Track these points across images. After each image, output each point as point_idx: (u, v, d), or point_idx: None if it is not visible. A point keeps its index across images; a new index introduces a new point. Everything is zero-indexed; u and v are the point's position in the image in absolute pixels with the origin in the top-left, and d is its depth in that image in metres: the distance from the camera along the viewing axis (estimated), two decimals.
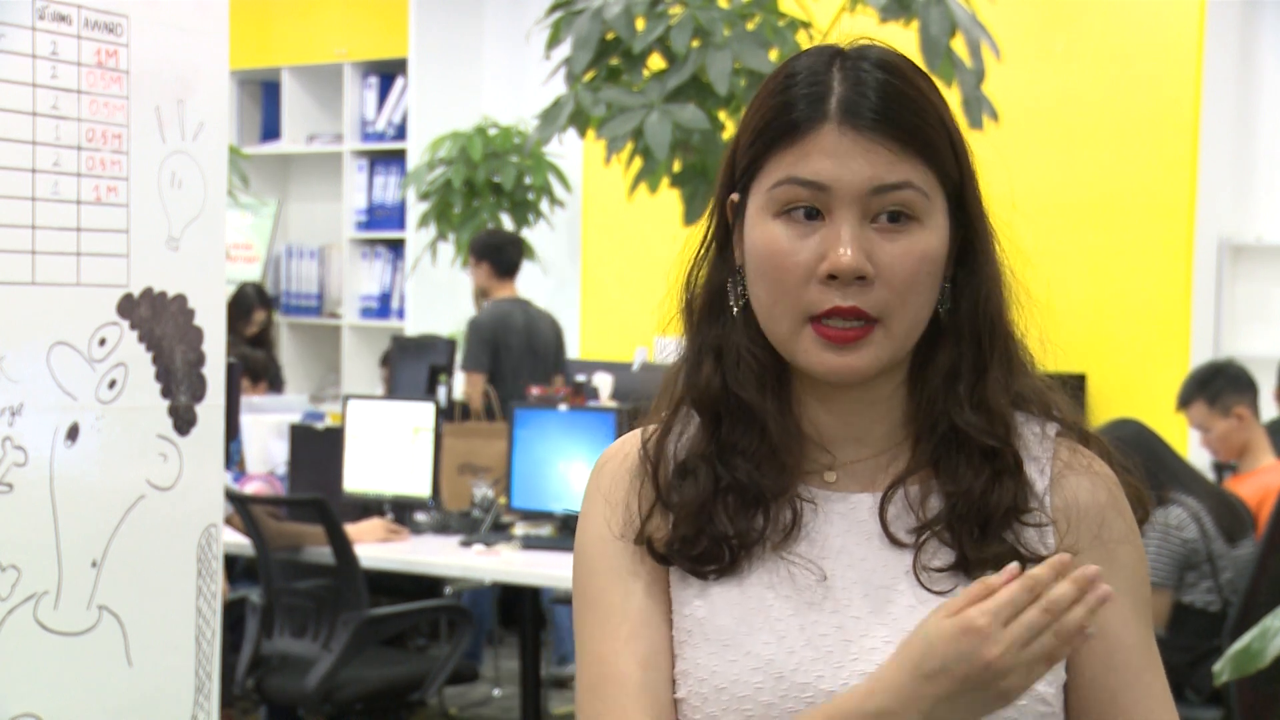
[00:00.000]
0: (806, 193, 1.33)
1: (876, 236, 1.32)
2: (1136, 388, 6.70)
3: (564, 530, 5.07)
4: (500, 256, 6.82)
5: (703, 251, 1.43)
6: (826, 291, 1.32)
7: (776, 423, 1.38)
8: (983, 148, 1.43)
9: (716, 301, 1.41)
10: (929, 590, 1.34)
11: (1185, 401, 4.90)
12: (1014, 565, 1.24)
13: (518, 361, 6.64)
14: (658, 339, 7.05)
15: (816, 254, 1.32)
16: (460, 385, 6.73)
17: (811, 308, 1.33)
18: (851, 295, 1.32)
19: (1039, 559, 1.35)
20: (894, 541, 1.37)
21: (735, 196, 1.40)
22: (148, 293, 2.65)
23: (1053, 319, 1.44)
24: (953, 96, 4.62)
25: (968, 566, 1.34)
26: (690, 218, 4.88)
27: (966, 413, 1.37)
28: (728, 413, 1.40)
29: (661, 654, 1.38)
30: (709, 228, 1.43)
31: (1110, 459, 1.43)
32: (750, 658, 1.34)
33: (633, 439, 1.45)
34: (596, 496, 1.44)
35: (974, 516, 1.35)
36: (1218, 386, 4.82)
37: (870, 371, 1.35)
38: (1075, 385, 6.36)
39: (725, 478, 1.38)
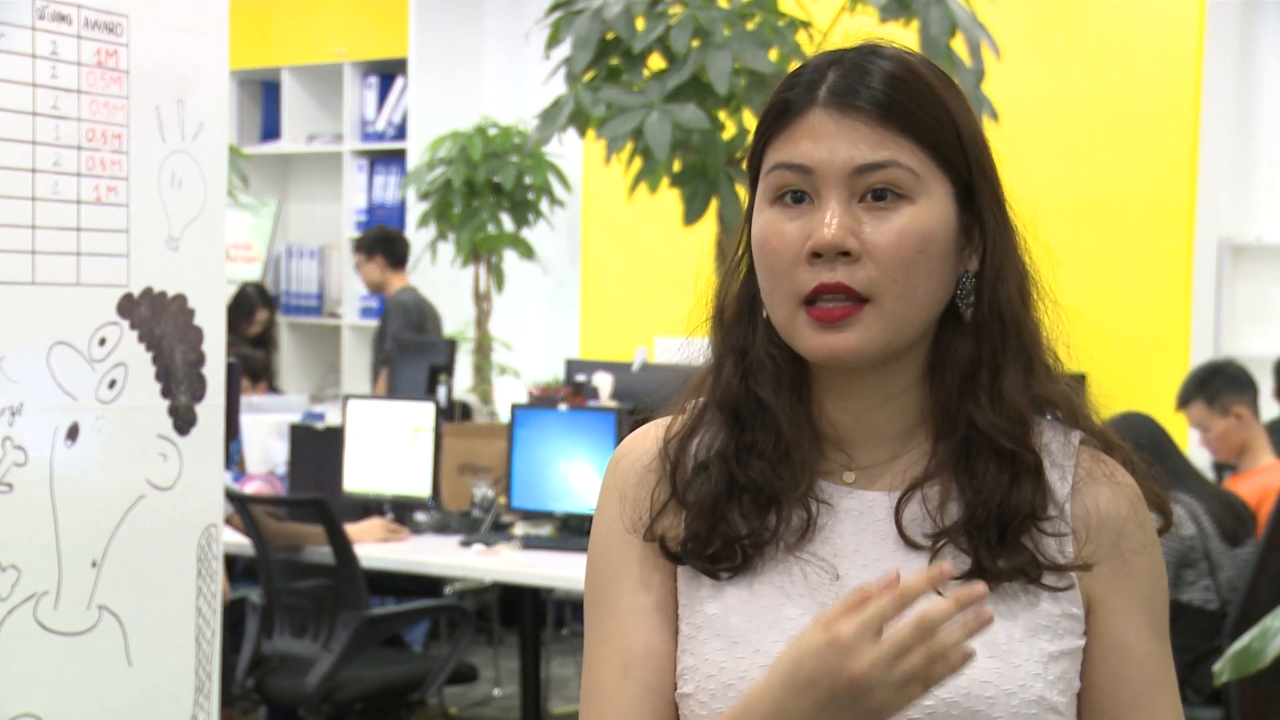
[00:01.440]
0: (793, 176, 1.34)
1: (864, 215, 1.32)
2: (1136, 387, 6.69)
3: (564, 530, 5.07)
4: (393, 248, 7.36)
5: (736, 261, 1.43)
6: (814, 270, 1.32)
7: (790, 421, 1.38)
8: None
9: (747, 309, 1.41)
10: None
11: (1184, 401, 4.90)
12: (893, 572, 1.20)
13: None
14: (658, 339, 7.05)
15: (803, 234, 1.33)
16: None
17: (801, 288, 1.32)
18: (839, 273, 1.31)
19: (1056, 568, 1.34)
20: (909, 544, 1.36)
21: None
22: (148, 293, 2.65)
23: (1053, 318, 1.44)
24: None
25: (984, 575, 1.33)
26: (690, 218, 4.88)
27: (986, 412, 1.36)
28: (747, 413, 1.40)
29: (652, 658, 1.38)
30: (742, 237, 1.42)
31: (1134, 467, 1.41)
32: (759, 655, 1.33)
33: (651, 432, 1.45)
34: (612, 491, 1.43)
35: (992, 523, 1.34)
36: (1216, 386, 4.82)
37: (862, 352, 1.33)
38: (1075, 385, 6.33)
39: (740, 477, 1.38)
